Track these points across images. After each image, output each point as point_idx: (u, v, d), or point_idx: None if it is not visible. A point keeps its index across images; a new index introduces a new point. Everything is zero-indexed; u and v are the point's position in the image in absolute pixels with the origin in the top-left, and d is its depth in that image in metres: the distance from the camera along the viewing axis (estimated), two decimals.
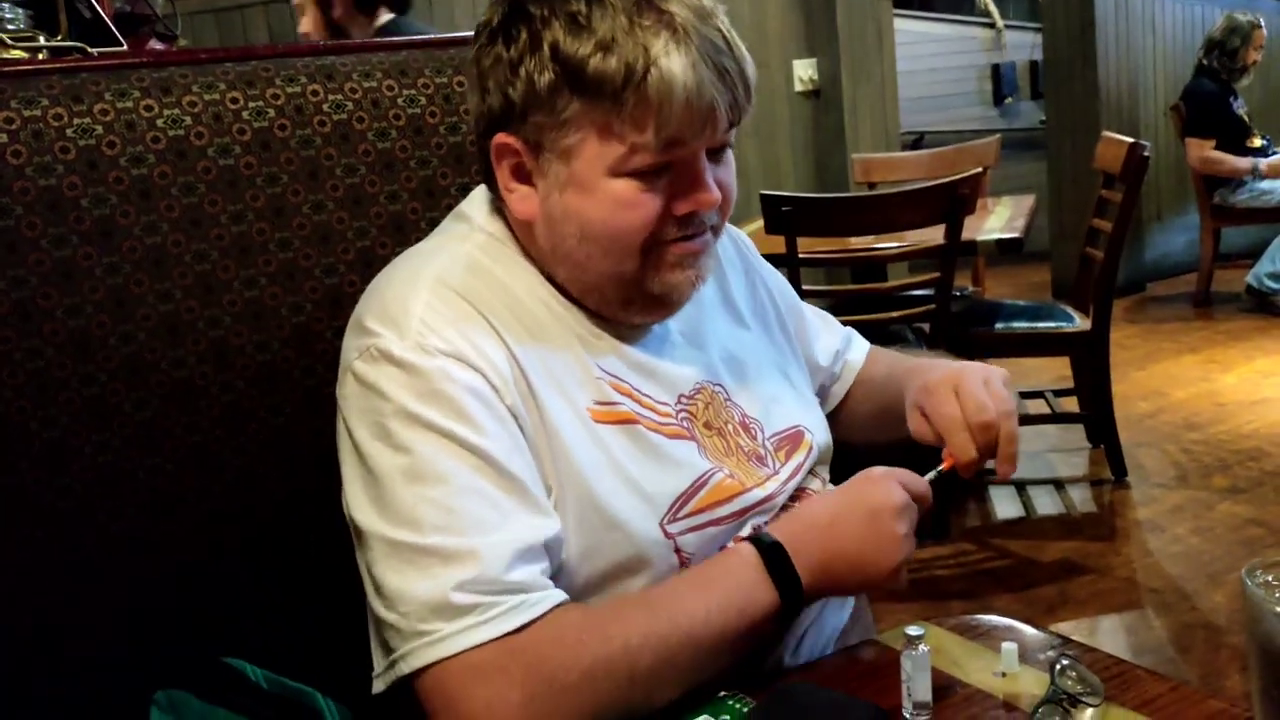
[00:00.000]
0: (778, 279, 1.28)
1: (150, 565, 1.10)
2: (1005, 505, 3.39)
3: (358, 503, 0.94)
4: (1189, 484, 3.40)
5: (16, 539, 1.04)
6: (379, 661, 0.93)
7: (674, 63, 0.91)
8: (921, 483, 1.02)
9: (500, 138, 0.98)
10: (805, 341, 1.28)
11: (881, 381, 1.29)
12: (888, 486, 0.99)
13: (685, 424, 1.05)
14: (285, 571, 1.15)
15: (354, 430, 0.95)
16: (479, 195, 1.08)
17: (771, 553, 0.95)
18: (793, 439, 1.13)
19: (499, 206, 1.04)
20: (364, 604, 0.94)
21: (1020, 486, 3.48)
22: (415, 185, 1.22)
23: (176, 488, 1.11)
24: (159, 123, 1.11)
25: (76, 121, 1.07)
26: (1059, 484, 3.51)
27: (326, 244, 1.17)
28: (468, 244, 1.03)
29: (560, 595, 0.91)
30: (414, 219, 1.21)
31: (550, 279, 1.03)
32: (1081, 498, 3.43)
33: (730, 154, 1.01)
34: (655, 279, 0.99)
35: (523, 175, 0.99)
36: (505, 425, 0.94)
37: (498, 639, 0.86)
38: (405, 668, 0.88)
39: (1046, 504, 3.39)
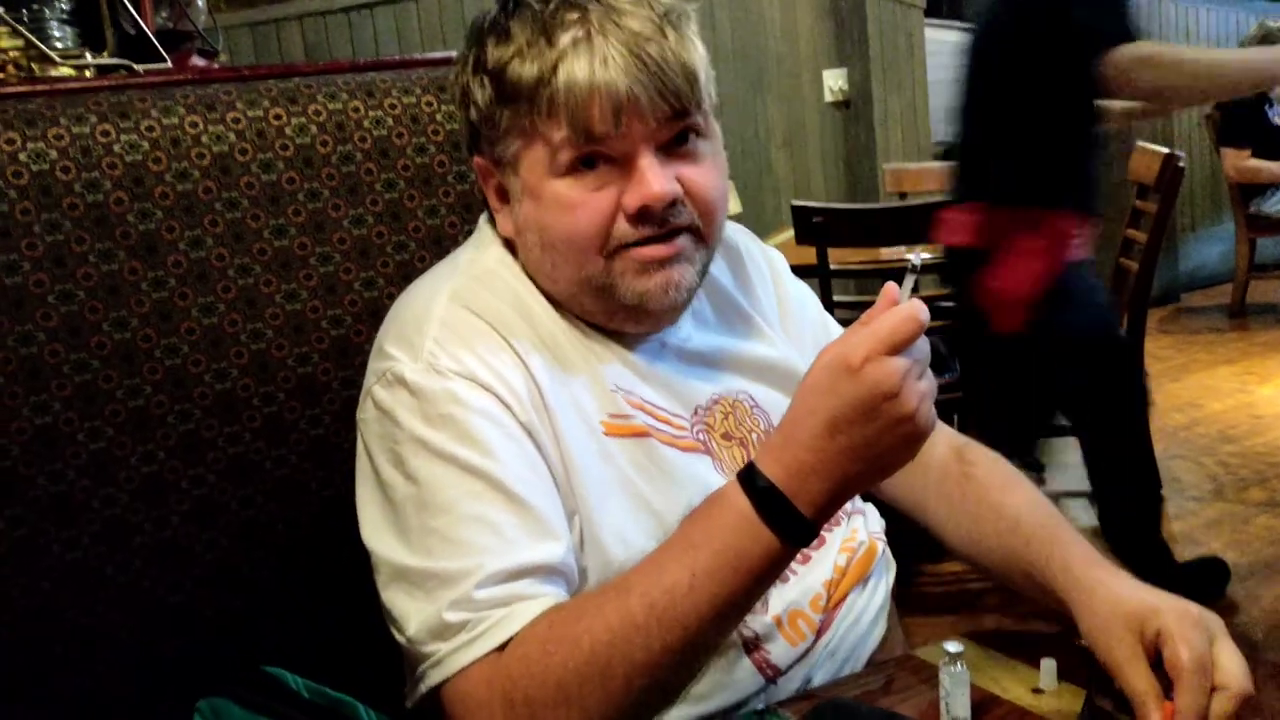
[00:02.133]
0: (813, 300, 1.25)
1: (192, 573, 1.12)
2: None
3: (372, 527, 0.96)
4: (1225, 497, 3.37)
5: (64, 544, 1.06)
6: (409, 681, 0.94)
7: (580, 56, 0.91)
8: (886, 322, 0.81)
9: (476, 160, 1.02)
10: None
11: (976, 502, 1.11)
12: (874, 369, 0.80)
13: (701, 436, 1.04)
14: (325, 581, 1.16)
15: (373, 455, 0.97)
16: (487, 216, 1.09)
17: (765, 497, 0.83)
18: None
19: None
20: None
21: (1056, 499, 3.45)
22: (453, 199, 1.23)
23: (218, 496, 1.12)
24: (204, 139, 1.12)
25: (124, 138, 1.09)
26: (1093, 496, 3.48)
27: (366, 258, 1.19)
28: (485, 260, 1.04)
29: (546, 603, 0.88)
30: (452, 233, 1.22)
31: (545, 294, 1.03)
32: None
33: (705, 148, 0.97)
34: (624, 287, 0.97)
35: (502, 194, 1.02)
36: (519, 445, 0.94)
37: (482, 659, 0.86)
38: (423, 688, 0.89)
39: (1081, 518, 3.36)
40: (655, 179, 0.93)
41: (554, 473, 0.95)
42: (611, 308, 1.00)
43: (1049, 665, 0.97)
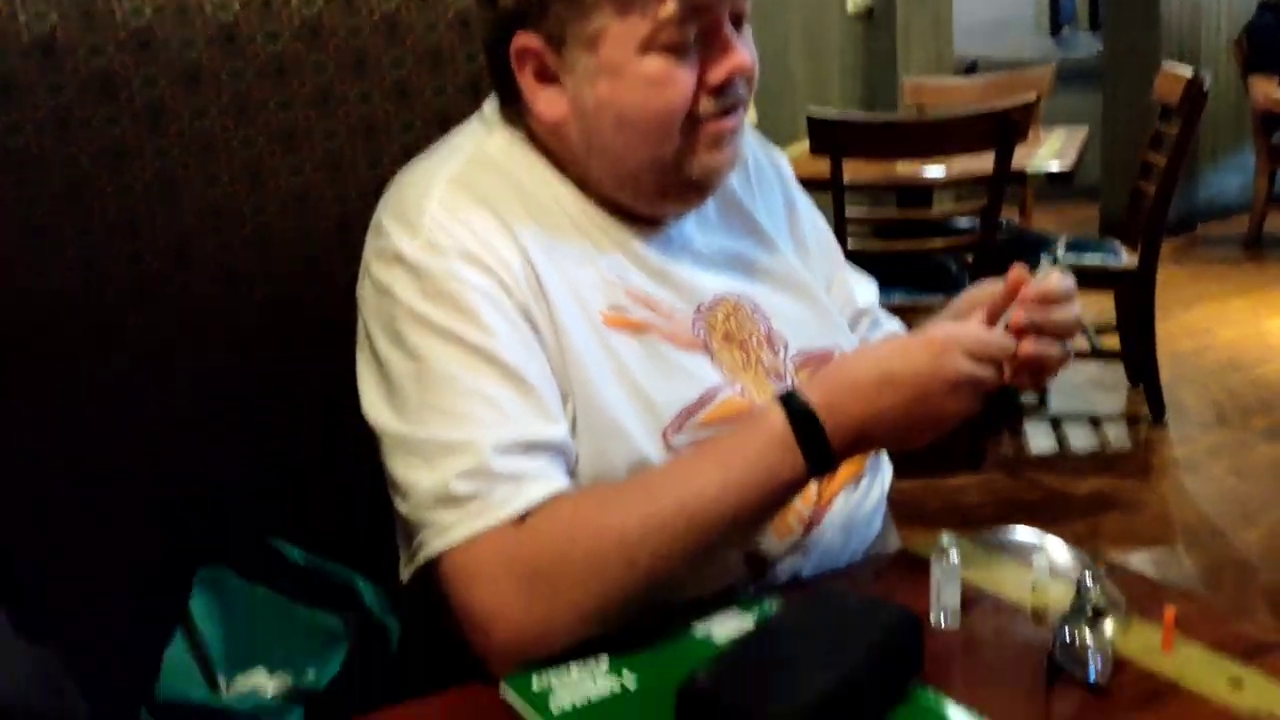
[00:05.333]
0: (816, 211, 1.24)
1: (196, 447, 1.12)
2: (1040, 440, 3.38)
3: (372, 401, 0.95)
4: (1229, 424, 3.37)
5: (70, 417, 1.07)
6: (404, 554, 0.94)
7: None
8: (994, 339, 0.90)
9: (520, 40, 0.97)
10: (842, 281, 1.25)
11: None
12: (949, 359, 0.88)
13: (701, 335, 1.04)
14: (328, 458, 1.16)
15: (371, 331, 0.96)
16: (495, 102, 1.07)
17: (804, 422, 0.88)
18: (820, 361, 1.11)
19: (511, 117, 1.03)
20: None
21: (1056, 422, 3.46)
22: (462, 80, 1.21)
23: (220, 368, 1.12)
24: (208, 8, 1.10)
25: (128, 4, 1.07)
26: (1096, 421, 3.48)
27: (371, 136, 1.17)
28: (487, 144, 1.02)
29: (558, 485, 0.90)
30: (459, 113, 1.20)
31: (578, 182, 1.01)
32: (1118, 435, 3.41)
33: (748, 29, 0.99)
34: (693, 162, 0.98)
35: (547, 76, 0.98)
36: (516, 326, 0.93)
37: (495, 530, 0.86)
38: (421, 558, 0.90)
39: (1082, 440, 3.37)
40: (743, 50, 0.96)
41: (550, 357, 0.95)
42: (667, 187, 1.00)
43: (1040, 562, 0.97)
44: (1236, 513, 2.81)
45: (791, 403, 0.89)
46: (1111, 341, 3.62)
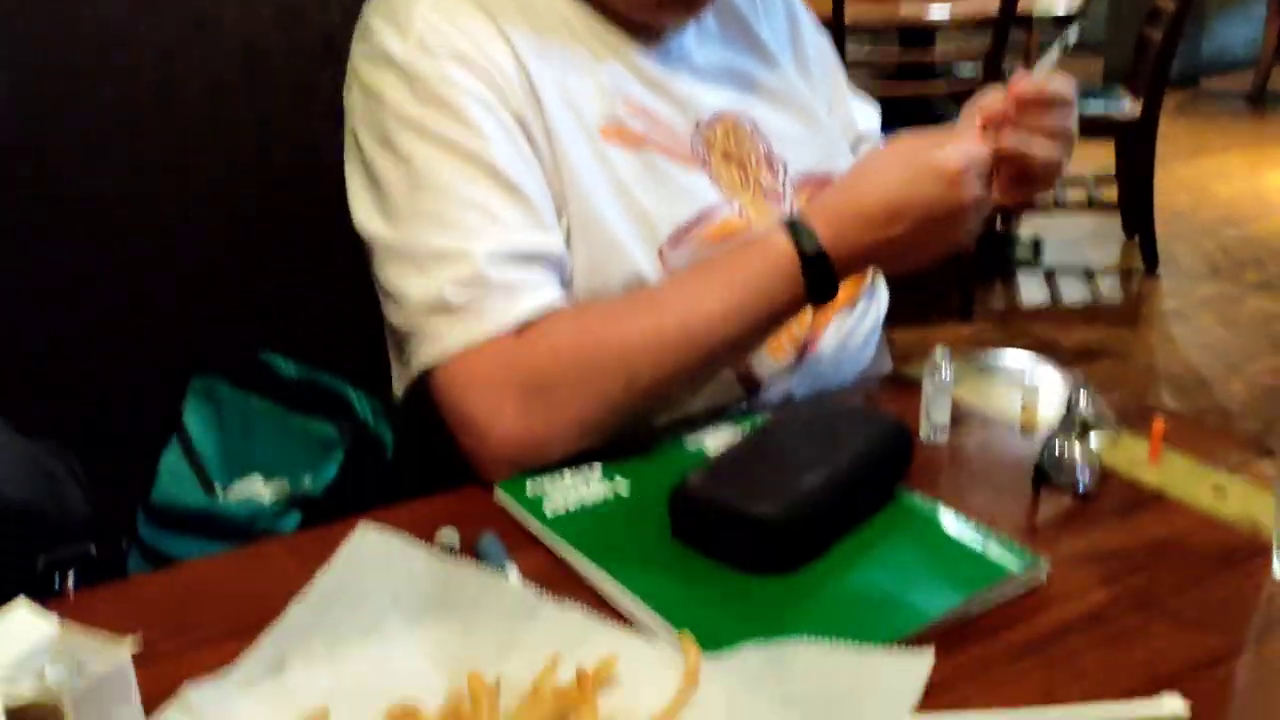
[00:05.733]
0: (821, 31, 1.21)
1: (183, 257, 1.11)
2: (1032, 290, 3.38)
3: (362, 208, 0.93)
4: (1221, 278, 3.37)
5: (61, 229, 1.05)
6: (396, 368, 0.94)
7: None
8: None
9: None
10: (844, 103, 1.23)
11: None
12: (965, 189, 0.85)
13: (700, 152, 1.02)
14: (319, 274, 1.15)
15: (359, 138, 0.93)
16: None
17: (812, 254, 0.87)
18: (820, 184, 1.09)
19: None
20: None
21: (1049, 274, 3.46)
22: None
23: (211, 184, 1.10)
24: None
25: None
26: (1089, 273, 3.48)
27: None
28: None
29: (555, 297, 0.89)
30: None
31: None
32: (1110, 287, 3.42)
33: None
34: None
35: None
36: (509, 132, 0.91)
37: (492, 339, 0.86)
38: (415, 369, 0.89)
39: (1074, 292, 3.38)
40: None
41: (544, 167, 0.93)
42: None
43: (1031, 380, 0.98)
44: (1223, 363, 2.83)
45: (799, 233, 0.87)
46: (1110, 193, 3.60)
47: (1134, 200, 3.38)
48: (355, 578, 0.66)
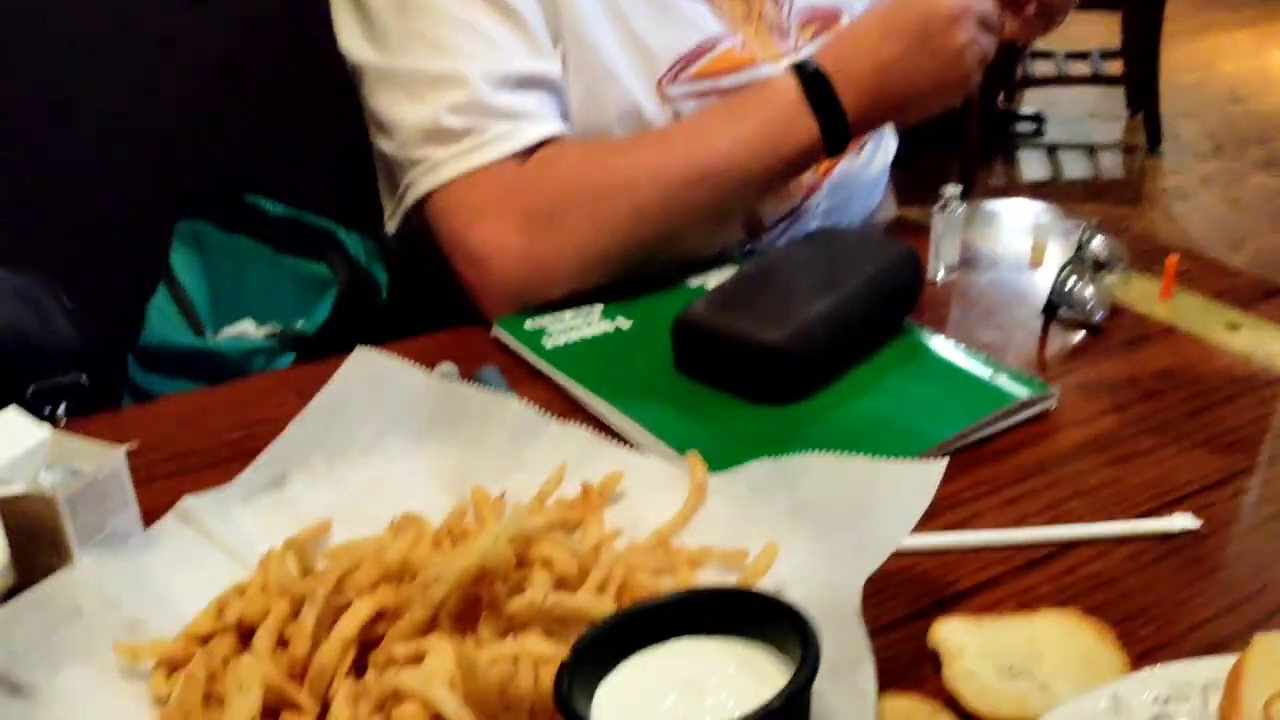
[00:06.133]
0: None
1: (167, 110, 1.07)
2: (1033, 167, 3.34)
3: (349, 36, 0.89)
4: (1224, 155, 3.33)
5: (44, 76, 1.01)
6: (389, 205, 0.91)
7: None
8: None
9: None
10: None
11: None
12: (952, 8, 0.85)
13: None
14: (303, 106, 1.11)
15: None
16: None
17: (813, 82, 0.86)
18: (825, 19, 1.05)
19: None
20: None
21: (1051, 150, 3.41)
22: None
23: (191, 25, 1.06)
24: None
25: None
26: (1091, 149, 3.43)
27: None
28: None
29: (558, 126, 0.86)
30: None
31: None
32: (1113, 163, 3.37)
33: None
34: None
35: None
36: None
37: (495, 165, 0.83)
38: (410, 199, 0.86)
39: (1076, 168, 3.33)
40: None
41: None
42: None
43: (1042, 219, 0.96)
44: (1224, 240, 2.81)
45: (800, 67, 0.86)
46: (1115, 67, 3.53)
47: (1139, 75, 3.31)
48: (355, 398, 0.64)
